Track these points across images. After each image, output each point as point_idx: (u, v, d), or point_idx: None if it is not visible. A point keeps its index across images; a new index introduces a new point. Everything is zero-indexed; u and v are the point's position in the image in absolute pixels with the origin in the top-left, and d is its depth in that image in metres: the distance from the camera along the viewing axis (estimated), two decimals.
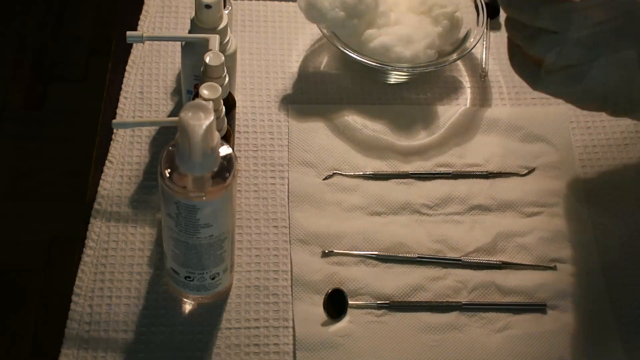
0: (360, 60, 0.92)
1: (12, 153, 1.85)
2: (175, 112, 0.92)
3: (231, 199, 0.71)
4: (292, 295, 0.80)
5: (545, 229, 0.86)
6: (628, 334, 0.80)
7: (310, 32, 1.01)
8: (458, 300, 0.81)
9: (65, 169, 1.81)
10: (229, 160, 0.69)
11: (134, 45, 0.97)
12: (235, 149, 0.89)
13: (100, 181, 0.86)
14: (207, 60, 0.75)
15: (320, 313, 0.79)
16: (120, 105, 0.92)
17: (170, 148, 0.68)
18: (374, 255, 0.83)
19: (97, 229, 0.83)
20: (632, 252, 0.85)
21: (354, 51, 0.92)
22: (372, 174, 0.89)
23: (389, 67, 0.92)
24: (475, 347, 0.79)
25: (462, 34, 0.96)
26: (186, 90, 0.86)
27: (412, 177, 0.89)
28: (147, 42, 0.97)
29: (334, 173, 0.89)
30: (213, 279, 0.76)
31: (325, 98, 0.95)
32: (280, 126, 0.92)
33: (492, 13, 1.02)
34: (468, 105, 0.96)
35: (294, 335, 0.78)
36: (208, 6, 0.80)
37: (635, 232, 0.86)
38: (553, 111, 0.95)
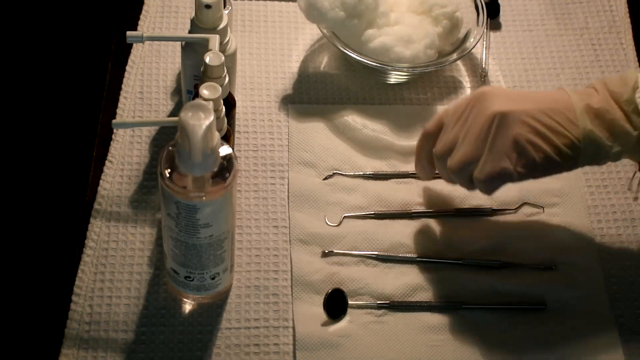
0: (360, 60, 0.92)
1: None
2: (175, 112, 0.92)
3: (231, 199, 0.71)
4: (292, 295, 0.80)
5: (546, 228, 0.86)
6: (628, 334, 0.80)
7: (310, 32, 1.00)
8: (458, 300, 0.81)
9: (65, 169, 1.81)
10: (229, 160, 0.69)
11: (134, 45, 0.97)
12: (235, 149, 0.89)
13: (100, 181, 0.86)
14: (207, 60, 0.75)
15: (320, 313, 0.79)
16: (120, 105, 0.92)
17: (170, 148, 0.68)
18: (374, 255, 0.83)
19: (97, 229, 0.83)
20: (632, 251, 0.85)
21: (354, 51, 0.92)
22: (372, 174, 0.89)
23: (389, 67, 0.92)
24: (475, 347, 0.78)
25: (462, 34, 0.96)
26: (186, 90, 0.86)
27: (412, 177, 0.89)
28: (147, 42, 0.97)
29: (334, 173, 0.89)
30: (213, 279, 0.76)
31: (325, 98, 0.95)
32: (280, 126, 0.92)
33: (492, 13, 1.02)
34: None
35: (294, 335, 0.78)
36: (208, 6, 0.80)
37: (636, 232, 0.86)
38: None
